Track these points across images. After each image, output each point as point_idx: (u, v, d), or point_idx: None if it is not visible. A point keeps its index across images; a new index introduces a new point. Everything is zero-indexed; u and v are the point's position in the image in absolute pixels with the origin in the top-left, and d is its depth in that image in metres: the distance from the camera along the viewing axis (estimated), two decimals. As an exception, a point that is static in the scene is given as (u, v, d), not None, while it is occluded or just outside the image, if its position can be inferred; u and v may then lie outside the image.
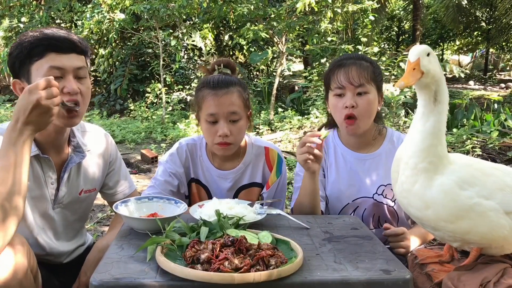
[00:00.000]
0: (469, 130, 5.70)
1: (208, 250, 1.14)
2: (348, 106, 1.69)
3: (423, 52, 1.22)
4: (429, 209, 1.24)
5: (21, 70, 1.45)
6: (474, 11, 17.36)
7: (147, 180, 4.56)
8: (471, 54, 22.63)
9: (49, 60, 1.41)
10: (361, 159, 1.82)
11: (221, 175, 1.83)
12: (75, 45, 1.45)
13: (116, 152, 1.81)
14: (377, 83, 1.74)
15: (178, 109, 9.10)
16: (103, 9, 7.96)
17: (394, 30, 20.22)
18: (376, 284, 1.12)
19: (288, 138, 6.74)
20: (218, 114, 1.69)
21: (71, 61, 1.44)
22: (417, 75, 1.20)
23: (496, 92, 13.32)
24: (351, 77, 1.69)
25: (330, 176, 1.86)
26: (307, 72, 9.27)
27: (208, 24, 9.96)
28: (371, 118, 1.75)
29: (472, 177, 1.24)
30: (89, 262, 1.61)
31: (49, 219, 1.60)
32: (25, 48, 1.42)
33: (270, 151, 1.88)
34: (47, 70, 1.40)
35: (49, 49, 1.41)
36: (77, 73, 1.46)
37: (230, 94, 1.69)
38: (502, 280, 1.21)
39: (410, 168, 1.26)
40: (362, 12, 8.43)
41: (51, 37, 1.42)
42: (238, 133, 1.73)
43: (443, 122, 1.26)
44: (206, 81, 1.74)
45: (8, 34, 10.92)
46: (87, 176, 1.68)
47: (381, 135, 1.85)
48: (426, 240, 1.75)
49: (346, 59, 1.77)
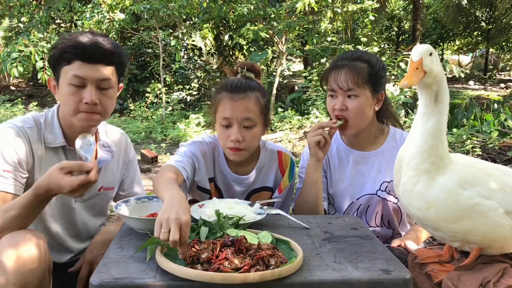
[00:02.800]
0: (469, 130, 5.70)
1: (208, 250, 1.14)
2: (337, 108, 1.71)
3: (426, 51, 1.22)
4: (430, 209, 1.24)
5: (55, 70, 1.52)
6: (474, 11, 17.36)
7: (147, 180, 4.56)
8: (471, 54, 22.62)
9: (75, 68, 1.46)
10: (364, 157, 1.83)
11: (236, 179, 1.81)
12: (104, 56, 1.48)
13: (133, 153, 1.85)
14: (372, 84, 1.72)
15: (178, 109, 9.11)
16: (103, 9, 7.96)
17: (394, 30, 20.21)
18: (376, 284, 1.12)
19: (288, 138, 6.75)
20: (232, 119, 1.65)
21: (95, 72, 1.47)
22: (419, 74, 1.20)
23: (496, 92, 13.32)
24: (340, 81, 1.70)
25: (333, 176, 1.87)
26: (307, 72, 9.28)
27: (208, 24, 9.98)
28: (364, 119, 1.74)
29: (474, 177, 1.24)
30: (96, 242, 1.62)
31: (69, 210, 1.64)
32: (58, 51, 1.48)
33: (283, 156, 1.86)
34: (70, 78, 1.46)
35: (76, 57, 1.45)
36: (99, 84, 1.49)
37: (246, 99, 1.66)
38: (502, 280, 1.21)
39: (412, 169, 1.26)
40: (362, 12, 8.44)
41: (81, 45, 1.46)
42: (251, 140, 1.69)
43: (444, 122, 1.26)
44: (225, 83, 1.72)
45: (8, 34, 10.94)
46: (108, 173, 1.72)
47: (383, 133, 1.85)
48: (419, 243, 1.76)
49: (342, 59, 1.76)
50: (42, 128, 1.56)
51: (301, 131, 7.35)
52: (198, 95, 10.70)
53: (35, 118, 1.58)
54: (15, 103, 9.66)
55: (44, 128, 1.56)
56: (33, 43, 7.23)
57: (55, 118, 1.58)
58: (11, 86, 13.14)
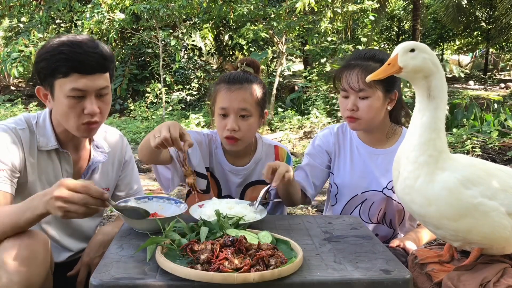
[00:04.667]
0: (469, 130, 5.70)
1: (207, 250, 1.14)
2: (348, 109, 1.73)
3: (405, 48, 1.26)
4: (432, 206, 1.24)
5: (46, 80, 1.49)
6: (474, 11, 17.36)
7: (147, 180, 4.56)
8: (471, 54, 22.62)
9: (73, 81, 1.43)
10: (375, 154, 1.84)
11: (233, 170, 1.86)
12: (99, 65, 1.47)
13: (130, 154, 1.85)
14: (385, 84, 1.71)
15: (178, 109, 9.11)
16: (103, 9, 7.96)
17: (394, 30, 20.22)
18: (376, 284, 1.12)
19: (288, 138, 6.75)
20: (229, 109, 1.72)
21: (94, 82, 1.46)
22: (389, 70, 1.27)
23: (496, 92, 13.32)
24: (351, 82, 1.71)
25: (343, 166, 1.89)
26: (307, 72, 9.28)
27: (208, 24, 9.97)
28: (376, 119, 1.75)
29: (477, 176, 1.25)
30: (93, 244, 1.61)
31: None
32: (50, 64, 1.44)
33: (279, 150, 1.94)
34: (69, 91, 1.44)
35: (72, 70, 1.43)
36: (99, 93, 1.49)
37: (243, 90, 1.73)
38: (502, 280, 1.21)
39: (411, 163, 1.27)
40: (362, 12, 8.44)
41: (75, 58, 1.42)
42: (247, 130, 1.75)
43: (439, 118, 1.27)
44: (224, 76, 1.80)
45: (8, 34, 10.95)
46: (103, 175, 1.72)
47: (396, 133, 1.86)
48: (419, 245, 1.76)
49: (355, 59, 1.77)
50: (34, 130, 1.55)
51: (301, 131, 7.35)
52: (198, 95, 10.71)
53: (27, 119, 1.57)
54: (15, 103, 9.67)
55: (36, 130, 1.56)
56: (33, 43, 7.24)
57: (47, 122, 1.57)
58: (11, 86, 13.15)
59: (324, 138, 1.93)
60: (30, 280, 1.20)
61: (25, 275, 1.20)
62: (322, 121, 7.34)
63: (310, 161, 1.91)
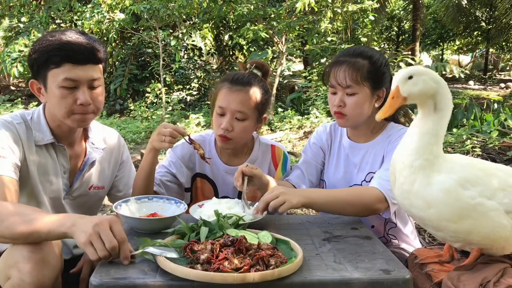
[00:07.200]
0: (469, 130, 5.69)
1: (207, 250, 1.14)
2: (336, 105, 1.74)
3: (402, 77, 1.26)
4: (431, 208, 1.24)
5: (39, 73, 1.51)
6: (474, 11, 17.36)
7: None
8: (471, 54, 22.61)
9: (65, 71, 1.45)
10: (357, 148, 1.84)
11: (228, 171, 1.88)
12: (92, 56, 1.49)
13: (127, 155, 1.87)
14: (372, 81, 1.71)
15: (178, 109, 9.10)
16: (103, 9, 7.96)
17: (394, 30, 20.21)
18: (376, 284, 1.12)
19: (288, 138, 6.75)
20: (226, 109, 1.75)
21: (86, 73, 1.48)
22: (395, 104, 1.28)
23: (496, 92, 13.32)
24: (338, 78, 1.71)
25: (331, 162, 1.91)
26: (307, 72, 9.28)
27: (208, 24, 9.97)
28: (362, 115, 1.75)
29: (475, 176, 1.25)
30: None
31: (61, 208, 1.65)
32: (43, 54, 1.46)
33: (276, 149, 1.95)
34: (62, 81, 1.45)
35: (65, 59, 1.45)
36: (91, 84, 1.50)
37: (243, 92, 1.75)
38: (502, 280, 1.21)
39: (407, 167, 1.27)
40: (362, 12, 8.43)
41: (68, 47, 1.45)
42: (240, 131, 1.76)
43: (442, 126, 1.27)
44: (229, 75, 1.82)
45: (8, 34, 10.94)
46: (99, 173, 1.74)
47: (382, 128, 1.84)
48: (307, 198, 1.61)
49: (343, 55, 1.77)
50: (30, 126, 1.57)
51: (301, 131, 7.35)
52: (198, 95, 10.70)
53: (22, 115, 1.59)
54: (15, 103, 9.66)
55: (31, 126, 1.57)
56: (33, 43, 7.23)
57: (42, 117, 1.59)
58: (11, 86, 13.15)
59: (318, 136, 1.96)
60: (41, 282, 1.20)
61: (37, 277, 1.19)
62: (322, 121, 7.33)
63: (306, 159, 1.93)
